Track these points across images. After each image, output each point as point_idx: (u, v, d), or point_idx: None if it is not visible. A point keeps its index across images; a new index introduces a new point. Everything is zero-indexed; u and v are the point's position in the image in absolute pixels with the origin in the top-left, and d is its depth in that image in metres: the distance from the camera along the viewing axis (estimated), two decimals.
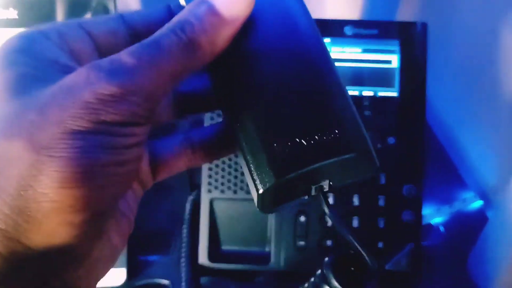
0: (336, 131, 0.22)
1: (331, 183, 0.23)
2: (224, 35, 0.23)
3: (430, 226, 0.58)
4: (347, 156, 0.22)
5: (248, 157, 0.22)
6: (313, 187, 0.23)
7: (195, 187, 0.56)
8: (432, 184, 0.57)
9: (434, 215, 0.58)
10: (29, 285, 0.20)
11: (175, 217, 0.54)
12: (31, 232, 0.19)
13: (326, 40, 0.51)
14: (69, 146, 0.19)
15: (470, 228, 0.56)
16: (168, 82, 0.22)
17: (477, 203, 0.58)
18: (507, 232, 0.48)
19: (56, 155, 0.18)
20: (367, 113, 0.51)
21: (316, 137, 0.22)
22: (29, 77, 0.21)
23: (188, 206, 0.53)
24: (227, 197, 0.51)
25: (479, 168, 0.59)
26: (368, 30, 0.51)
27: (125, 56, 0.21)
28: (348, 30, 0.51)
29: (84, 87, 0.20)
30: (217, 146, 0.28)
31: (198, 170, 0.53)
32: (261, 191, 0.22)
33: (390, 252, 0.50)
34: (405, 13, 0.67)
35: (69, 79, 0.20)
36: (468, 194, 0.60)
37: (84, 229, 0.20)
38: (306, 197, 0.24)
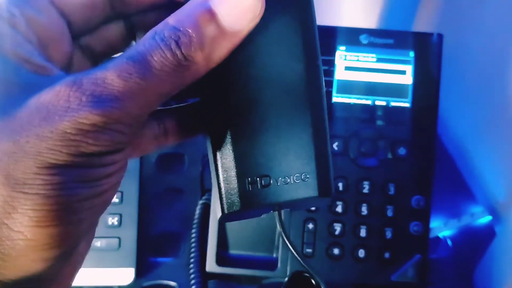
0: (308, 176, 0.23)
1: (288, 209, 0.25)
2: (222, 51, 0.20)
3: (437, 239, 0.57)
4: (310, 197, 0.24)
5: (220, 179, 0.23)
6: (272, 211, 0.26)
7: (206, 191, 0.56)
8: (441, 197, 0.56)
9: (442, 228, 0.58)
10: None
11: (185, 220, 0.54)
12: (5, 268, 0.18)
13: (342, 48, 0.51)
14: (46, 182, 0.17)
15: (477, 243, 0.56)
16: (155, 102, 0.20)
17: (486, 218, 0.58)
18: None
19: (31, 192, 0.17)
20: (379, 122, 0.51)
21: (288, 178, 0.23)
22: (1, 84, 0.19)
23: (198, 210, 0.54)
24: None
25: (489, 183, 0.59)
26: (384, 39, 0.51)
27: (110, 76, 0.18)
28: (363, 38, 0.51)
29: (64, 114, 0.17)
30: (188, 128, 0.27)
31: (209, 175, 0.53)
32: (226, 212, 0.23)
33: (397, 263, 0.50)
34: (422, 23, 0.67)
35: (47, 98, 0.18)
36: (476, 209, 0.59)
37: (58, 261, 0.19)
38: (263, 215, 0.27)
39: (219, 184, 0.23)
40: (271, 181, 0.23)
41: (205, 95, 0.24)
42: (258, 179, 0.23)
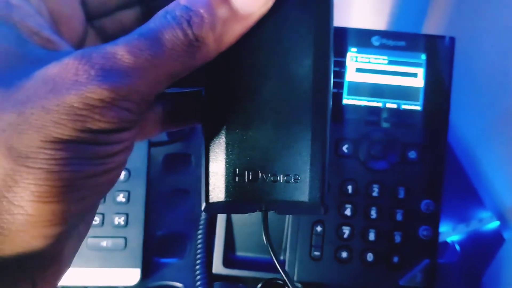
0: (298, 177, 0.23)
1: (276, 211, 0.24)
2: (234, 34, 0.20)
3: (446, 244, 0.57)
4: (298, 200, 0.23)
5: (209, 167, 0.23)
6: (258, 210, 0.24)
7: None
8: (450, 202, 0.56)
9: (451, 233, 0.57)
10: None
11: (191, 221, 0.54)
12: (4, 243, 0.17)
13: (353, 49, 0.51)
14: (50, 156, 0.17)
15: (485, 248, 0.55)
16: (164, 83, 0.20)
17: (494, 224, 0.58)
18: None
19: (34, 166, 0.17)
20: (389, 125, 0.50)
21: (278, 176, 0.23)
22: (9, 57, 0.18)
23: None
24: None
25: (498, 188, 0.58)
26: (396, 41, 0.51)
27: (121, 51, 0.18)
28: (375, 40, 0.51)
29: (71, 87, 0.17)
30: (189, 115, 0.26)
31: None
32: (209, 201, 0.23)
33: (405, 267, 0.49)
34: (431, 26, 0.67)
35: (55, 70, 0.17)
36: (485, 214, 0.59)
37: (58, 240, 0.19)
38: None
39: (206, 172, 0.23)
40: (260, 177, 0.22)
41: (209, 82, 0.23)
42: (246, 172, 0.22)
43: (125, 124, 0.19)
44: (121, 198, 0.49)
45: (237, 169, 0.22)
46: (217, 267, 0.50)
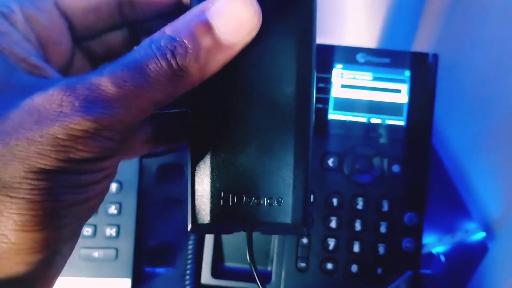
0: (281, 200, 0.23)
1: (260, 232, 0.25)
2: (217, 63, 0.20)
3: (431, 254, 0.58)
4: (281, 222, 0.23)
5: (194, 190, 0.23)
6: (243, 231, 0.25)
7: None
8: (436, 213, 0.57)
9: (436, 244, 0.59)
10: None
11: (183, 231, 0.55)
12: None
13: (339, 66, 0.52)
14: (33, 187, 0.17)
15: (470, 259, 0.56)
16: (148, 111, 0.20)
17: (480, 235, 0.59)
18: (506, 263, 0.48)
19: (17, 196, 0.17)
20: (374, 140, 0.52)
21: (261, 199, 0.23)
22: None
23: None
24: None
25: (484, 199, 0.59)
26: (380, 58, 0.52)
27: (105, 83, 0.18)
28: (360, 57, 0.52)
29: (55, 118, 0.17)
30: (175, 135, 0.26)
31: None
32: (195, 224, 0.23)
33: (389, 278, 0.51)
34: (421, 43, 0.68)
35: (39, 101, 0.18)
36: (471, 225, 0.60)
37: (41, 265, 0.19)
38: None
39: (192, 195, 0.23)
40: (244, 200, 0.23)
41: (193, 105, 0.24)
42: (231, 195, 0.23)
43: (107, 153, 0.19)
44: (112, 210, 0.51)
45: (221, 193, 0.23)
46: (206, 277, 0.51)
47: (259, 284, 0.26)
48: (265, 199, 0.23)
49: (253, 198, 0.23)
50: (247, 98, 0.23)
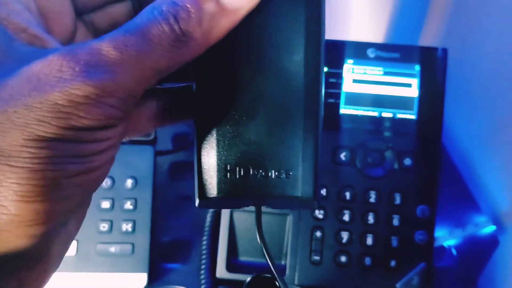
0: (290, 173, 0.23)
1: (269, 206, 0.25)
2: (221, 29, 0.20)
3: (442, 248, 0.58)
4: (291, 195, 0.23)
5: (201, 163, 0.23)
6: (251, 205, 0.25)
7: None
8: (446, 207, 0.58)
9: (447, 238, 0.59)
10: None
11: (196, 227, 0.56)
12: None
13: (350, 61, 0.53)
14: (33, 155, 0.16)
15: (481, 252, 0.57)
16: (151, 79, 0.19)
17: (490, 228, 0.59)
18: None
19: (17, 165, 0.16)
20: (385, 134, 0.52)
21: (269, 173, 0.23)
22: None
23: (209, 217, 0.55)
24: (247, 209, 0.53)
25: (494, 193, 0.60)
26: (390, 53, 0.53)
27: (107, 47, 0.18)
28: (370, 52, 0.53)
29: (55, 84, 0.17)
30: (181, 111, 0.26)
31: None
32: (203, 198, 0.23)
33: (402, 271, 0.51)
34: (428, 37, 0.69)
35: (38, 67, 0.17)
36: (481, 219, 0.60)
37: (44, 239, 0.18)
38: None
39: (198, 169, 0.23)
40: (251, 173, 0.22)
41: (199, 78, 0.23)
42: (238, 168, 0.22)
43: (110, 121, 0.18)
44: (128, 205, 0.52)
45: (228, 165, 0.22)
46: (221, 271, 0.52)
47: (268, 259, 0.25)
48: (273, 171, 0.22)
49: (260, 171, 0.22)
50: (254, 68, 0.22)
